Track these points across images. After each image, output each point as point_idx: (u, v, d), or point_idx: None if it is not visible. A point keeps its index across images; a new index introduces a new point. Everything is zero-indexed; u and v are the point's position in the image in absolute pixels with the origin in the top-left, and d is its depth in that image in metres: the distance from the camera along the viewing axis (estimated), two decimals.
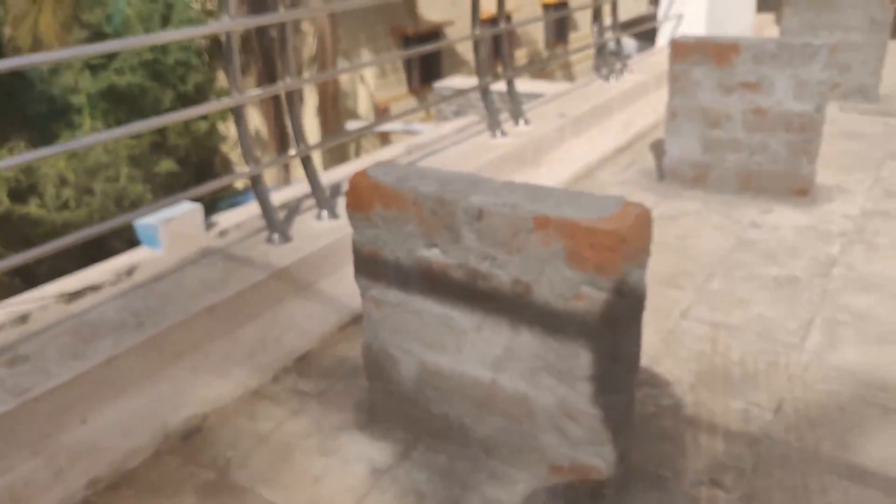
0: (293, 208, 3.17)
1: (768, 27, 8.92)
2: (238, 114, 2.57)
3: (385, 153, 7.10)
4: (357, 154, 15.90)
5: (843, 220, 3.50)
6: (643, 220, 1.60)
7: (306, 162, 2.94)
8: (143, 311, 2.31)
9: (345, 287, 2.59)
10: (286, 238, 2.80)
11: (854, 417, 2.13)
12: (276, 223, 2.79)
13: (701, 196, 3.90)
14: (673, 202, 3.83)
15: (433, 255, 1.81)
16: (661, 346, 2.53)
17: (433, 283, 1.85)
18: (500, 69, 4.29)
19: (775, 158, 3.74)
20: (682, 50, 3.79)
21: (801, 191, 3.73)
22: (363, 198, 1.87)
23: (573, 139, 4.51)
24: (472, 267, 1.76)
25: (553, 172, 4.16)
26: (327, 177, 5.51)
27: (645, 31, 8.42)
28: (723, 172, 3.91)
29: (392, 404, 2.15)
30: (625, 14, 6.29)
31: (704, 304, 2.80)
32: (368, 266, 1.96)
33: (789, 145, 3.68)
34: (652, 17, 7.25)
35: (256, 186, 2.72)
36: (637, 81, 5.46)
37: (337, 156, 15.34)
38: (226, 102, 2.58)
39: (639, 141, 4.98)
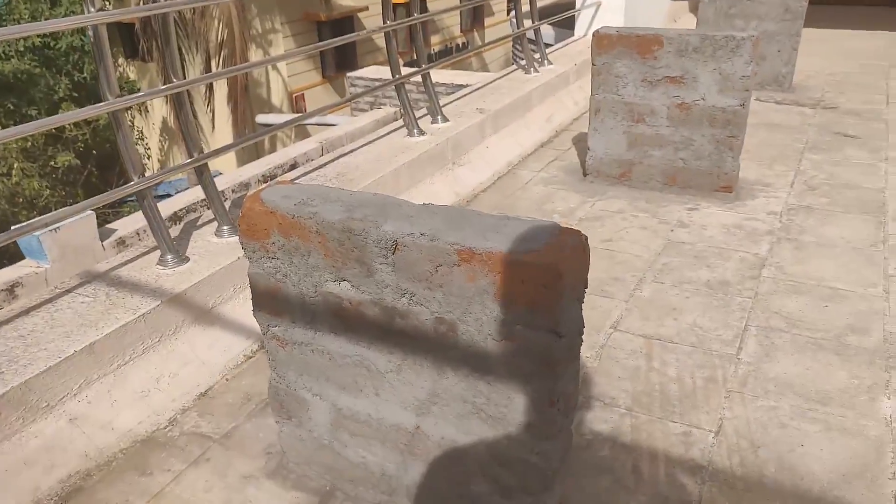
0: (190, 223, 2.86)
1: (683, 15, 8.98)
2: (117, 122, 2.25)
3: (298, 148, 6.77)
4: (271, 146, 15.38)
5: (769, 218, 3.44)
6: (580, 250, 1.42)
7: (201, 173, 2.64)
8: (2, 356, 1.99)
9: (250, 308, 2.33)
10: (182, 259, 2.51)
11: (796, 435, 2.02)
12: (170, 243, 2.49)
13: (626, 194, 3.79)
14: (599, 202, 3.70)
15: (343, 290, 1.58)
16: (594, 363, 2.38)
17: (344, 320, 1.62)
18: (415, 57, 4.04)
19: (700, 154, 3.66)
20: (605, 43, 3.65)
21: (725, 187, 3.66)
22: (258, 226, 1.62)
23: (494, 136, 4.33)
24: (389, 304, 1.54)
25: (474, 172, 3.97)
26: (232, 178, 5.18)
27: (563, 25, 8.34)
28: (648, 169, 3.80)
29: (305, 450, 1.92)
30: (542, 0, 6.14)
31: (636, 314, 2.66)
32: (268, 301, 1.71)
33: (714, 140, 3.60)
34: (570, 4, 7.12)
35: (143, 203, 2.41)
36: (557, 73, 5.32)
37: (250, 147, 14.78)
38: (95, 109, 2.24)
39: (561, 135, 4.85)
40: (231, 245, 2.65)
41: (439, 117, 4.04)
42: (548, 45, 6.65)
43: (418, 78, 4.06)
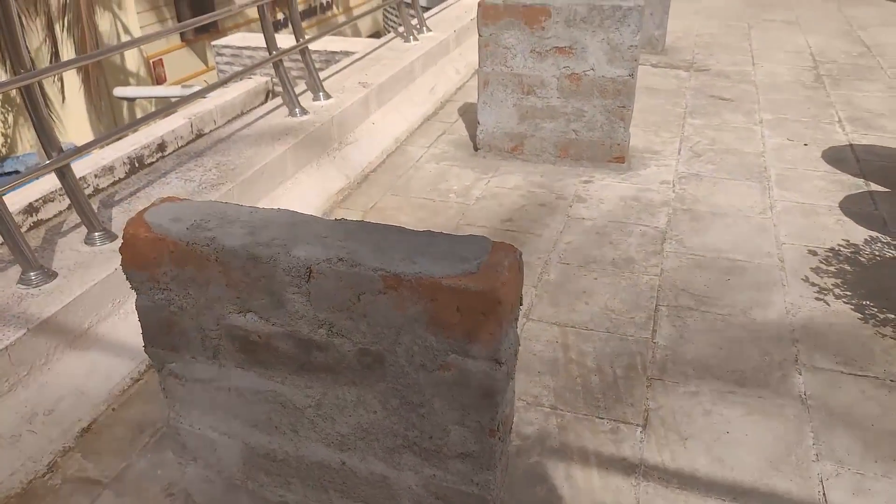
0: (54, 228, 2.53)
1: None
2: None
3: (165, 126, 6.27)
4: (131, 115, 14.33)
5: (663, 188, 3.47)
6: (516, 269, 1.29)
7: (63, 175, 2.31)
8: None
9: (133, 325, 2.07)
10: (48, 274, 2.20)
11: (720, 422, 2.02)
12: (31, 256, 2.17)
13: (520, 168, 3.72)
14: (493, 178, 3.61)
15: (250, 322, 1.39)
16: None
17: (253, 355, 1.43)
18: (281, 17, 3.75)
19: (592, 125, 3.63)
20: (491, 13, 3.52)
21: (618, 158, 3.66)
22: (145, 255, 1.39)
23: (379, 111, 4.13)
24: (304, 336, 1.37)
25: (363, 151, 3.77)
26: (94, 163, 4.72)
27: None
28: (540, 142, 3.74)
29: (215, 491, 1.72)
30: None
31: (547, 301, 2.60)
32: (162, 337, 1.49)
33: (605, 111, 3.58)
34: None
35: None
36: (438, 40, 5.15)
37: (108, 120, 13.71)
38: None
39: (446, 106, 4.71)
40: (105, 254, 2.35)
41: (321, 94, 3.80)
42: (424, 9, 6.46)
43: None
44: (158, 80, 15.05)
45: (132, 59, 14.90)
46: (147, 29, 14.81)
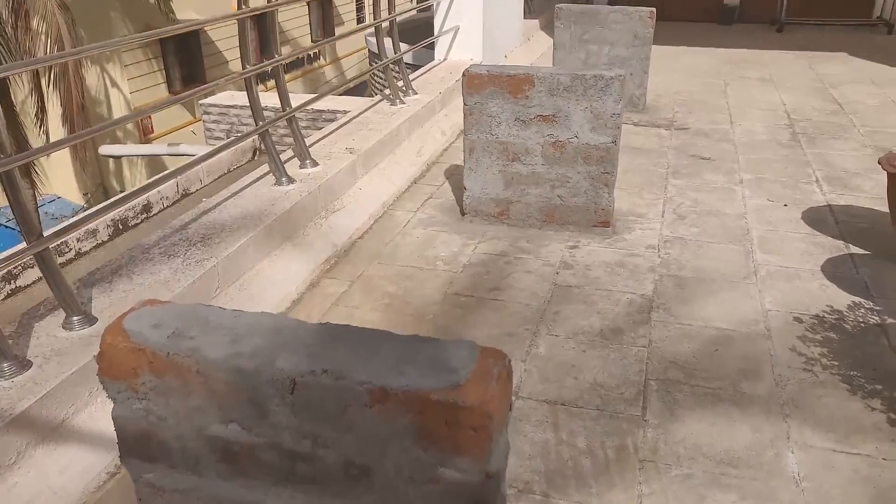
0: (30, 312, 2.48)
1: (535, 32, 9.17)
2: None
3: (151, 186, 6.25)
4: (117, 168, 14.32)
5: (648, 252, 3.48)
6: (505, 378, 1.27)
7: (42, 259, 2.28)
8: None
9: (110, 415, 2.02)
10: (22, 364, 2.14)
11: None
12: (4, 348, 2.12)
13: (507, 233, 3.72)
14: (480, 244, 3.61)
15: (232, 432, 1.35)
16: None
17: (234, 465, 1.39)
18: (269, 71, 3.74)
19: (576, 191, 3.65)
20: (476, 83, 3.56)
21: (603, 222, 3.67)
22: (123, 365, 1.35)
23: (366, 176, 4.14)
24: (288, 447, 1.33)
25: (350, 218, 3.76)
26: (77, 225, 4.66)
27: (419, 34, 8.27)
28: (526, 207, 3.75)
29: None
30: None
31: (536, 375, 2.57)
32: (140, 447, 1.44)
33: (589, 177, 3.60)
34: (424, 20, 6.97)
35: None
36: (424, 103, 5.20)
37: (93, 171, 13.68)
38: None
39: (433, 168, 4.73)
40: (84, 339, 2.30)
41: (308, 161, 3.80)
42: (411, 67, 6.54)
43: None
44: (146, 131, 15.09)
45: (119, 112, 14.95)
46: (135, 82, 14.90)
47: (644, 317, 2.93)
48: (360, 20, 21.51)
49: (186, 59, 16.05)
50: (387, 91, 5.26)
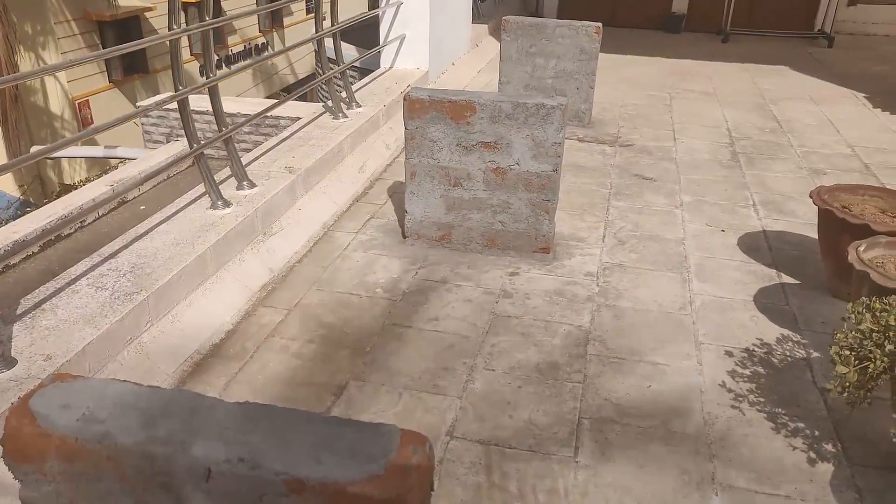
0: None
1: (484, 38, 9.18)
2: None
3: (85, 194, 6.07)
4: (55, 165, 13.86)
5: (587, 280, 3.52)
6: (425, 467, 1.26)
7: None
8: None
9: None
10: None
11: None
12: None
13: (448, 258, 3.71)
14: (421, 269, 3.60)
15: None
16: (435, 484, 2.25)
17: None
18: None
19: (518, 217, 3.67)
20: (417, 107, 3.54)
21: (543, 248, 3.70)
22: (29, 450, 1.30)
23: (305, 196, 4.09)
24: None
25: (288, 240, 3.71)
26: (4, 237, 4.48)
27: (366, 36, 8.20)
28: (468, 232, 3.76)
29: None
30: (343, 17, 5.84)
31: (471, 414, 2.57)
32: None
33: (530, 204, 3.62)
34: (369, 21, 6.87)
35: None
36: (367, 116, 5.16)
37: (31, 164, 13.18)
38: None
39: (375, 185, 4.70)
40: (0, 385, 2.22)
41: (245, 183, 3.73)
42: (354, 81, 6.47)
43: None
44: (84, 122, 14.60)
45: (56, 101, 14.45)
46: (73, 71, 14.38)
47: (580, 350, 2.96)
48: (308, 10, 21.14)
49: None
50: (330, 103, 5.20)
